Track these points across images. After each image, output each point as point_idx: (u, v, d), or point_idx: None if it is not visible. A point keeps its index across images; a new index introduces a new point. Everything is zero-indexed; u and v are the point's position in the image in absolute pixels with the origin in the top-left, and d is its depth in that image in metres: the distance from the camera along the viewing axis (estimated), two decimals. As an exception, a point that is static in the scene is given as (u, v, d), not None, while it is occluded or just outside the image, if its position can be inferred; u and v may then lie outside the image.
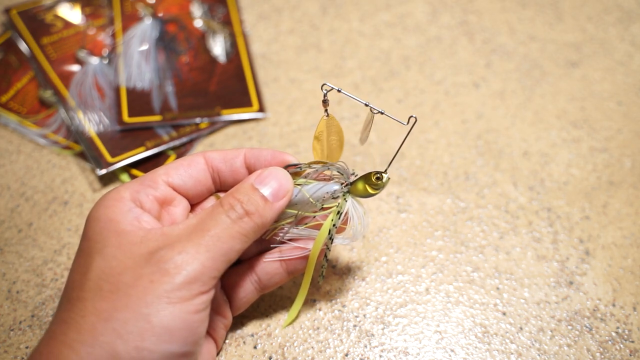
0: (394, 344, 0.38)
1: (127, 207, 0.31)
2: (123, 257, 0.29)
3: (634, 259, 0.42)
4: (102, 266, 0.29)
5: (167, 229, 0.30)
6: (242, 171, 0.35)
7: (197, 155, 0.34)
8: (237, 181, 0.35)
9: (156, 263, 0.28)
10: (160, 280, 0.28)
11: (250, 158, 0.35)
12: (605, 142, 0.49)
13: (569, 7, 0.60)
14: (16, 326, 0.39)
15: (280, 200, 0.32)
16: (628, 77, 0.54)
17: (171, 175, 0.33)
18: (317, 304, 0.40)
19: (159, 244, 0.29)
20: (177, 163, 0.34)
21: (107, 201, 0.31)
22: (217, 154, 0.35)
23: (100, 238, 0.30)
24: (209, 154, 0.35)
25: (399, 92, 0.52)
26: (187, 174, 0.34)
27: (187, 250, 0.29)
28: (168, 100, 0.50)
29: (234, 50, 0.54)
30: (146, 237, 0.29)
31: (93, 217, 0.31)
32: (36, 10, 0.56)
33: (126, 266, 0.28)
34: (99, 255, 0.29)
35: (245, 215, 0.31)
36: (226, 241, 0.30)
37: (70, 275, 0.30)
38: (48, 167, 0.47)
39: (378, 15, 0.58)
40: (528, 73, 0.54)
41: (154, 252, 0.29)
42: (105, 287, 0.28)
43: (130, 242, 0.29)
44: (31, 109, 0.50)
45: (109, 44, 0.54)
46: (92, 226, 0.30)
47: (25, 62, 0.53)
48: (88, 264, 0.29)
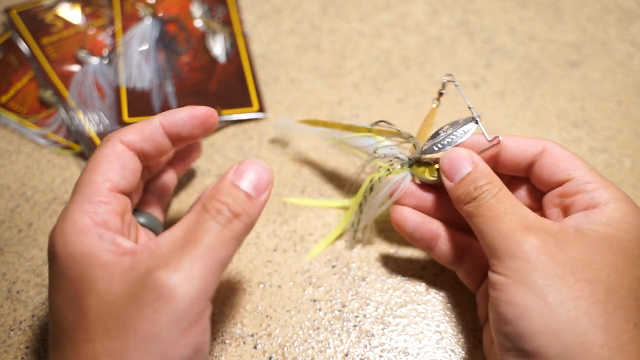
0: (394, 344, 0.38)
1: (97, 235, 0.28)
2: (118, 289, 0.27)
3: (634, 259, 0.42)
4: (100, 303, 0.27)
5: (152, 245, 0.28)
6: (165, 141, 0.33)
7: (115, 143, 0.31)
8: (162, 153, 0.34)
9: (155, 288, 0.26)
10: (164, 309, 0.26)
11: (169, 127, 0.33)
12: (605, 142, 0.49)
13: (569, 7, 0.60)
14: (16, 326, 0.39)
15: (263, 193, 0.31)
16: (628, 77, 0.54)
17: (112, 179, 0.30)
18: (317, 304, 0.40)
19: (150, 264, 0.27)
20: (106, 162, 0.31)
21: (72, 236, 0.28)
22: (134, 135, 0.32)
23: (86, 276, 0.27)
24: (125, 138, 0.32)
25: (399, 92, 0.52)
26: (123, 171, 0.31)
27: (183, 268, 0.27)
28: (168, 100, 0.50)
29: (234, 50, 0.54)
30: (135, 262, 0.27)
31: (65, 257, 0.28)
32: (36, 10, 0.56)
33: (125, 298, 0.27)
34: (92, 293, 0.27)
35: (234, 217, 0.29)
36: (221, 249, 0.28)
37: (58, 317, 0.28)
38: (48, 167, 0.47)
39: (378, 15, 0.58)
40: (528, 73, 0.54)
41: (149, 274, 0.27)
42: (111, 324, 0.26)
43: (121, 271, 0.27)
44: (31, 109, 0.50)
45: (109, 44, 0.54)
46: (70, 266, 0.28)
47: (25, 62, 0.53)
48: (82, 303, 0.27)
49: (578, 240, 0.29)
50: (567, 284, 0.28)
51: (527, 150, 0.35)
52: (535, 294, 0.28)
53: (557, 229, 0.30)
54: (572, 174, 0.33)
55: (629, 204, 0.31)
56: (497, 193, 0.32)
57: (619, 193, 0.32)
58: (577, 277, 0.28)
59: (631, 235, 0.30)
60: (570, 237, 0.30)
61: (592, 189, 0.32)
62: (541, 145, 0.34)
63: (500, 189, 0.32)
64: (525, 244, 0.29)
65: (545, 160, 0.34)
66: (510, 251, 0.29)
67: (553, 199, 0.34)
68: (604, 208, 0.31)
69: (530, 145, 0.35)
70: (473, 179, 0.33)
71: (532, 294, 0.28)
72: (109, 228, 0.29)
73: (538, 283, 0.28)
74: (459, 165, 0.34)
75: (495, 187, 0.33)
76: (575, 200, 0.32)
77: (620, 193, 0.32)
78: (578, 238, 0.30)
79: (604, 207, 0.31)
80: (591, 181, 0.32)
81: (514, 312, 0.28)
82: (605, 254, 0.29)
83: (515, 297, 0.28)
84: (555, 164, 0.33)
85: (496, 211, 0.31)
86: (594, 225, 0.30)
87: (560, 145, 0.34)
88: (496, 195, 0.32)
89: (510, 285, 0.29)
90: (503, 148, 0.36)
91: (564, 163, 0.33)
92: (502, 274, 0.30)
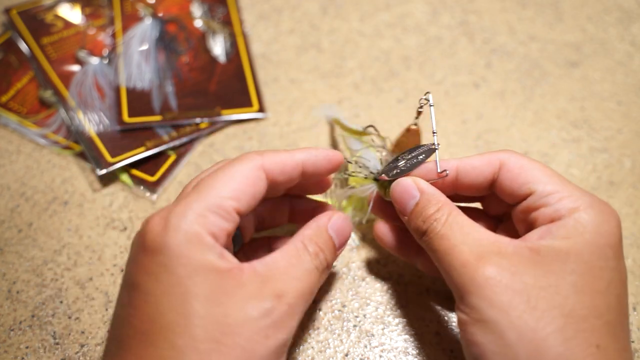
0: (394, 344, 0.38)
1: (211, 244, 0.28)
2: (231, 304, 0.27)
3: (634, 259, 0.42)
4: (212, 315, 0.26)
5: (259, 268, 0.29)
6: (296, 177, 0.33)
7: (255, 169, 0.30)
8: (287, 185, 0.33)
9: (268, 314, 0.27)
10: (275, 336, 0.27)
11: (307, 166, 0.33)
12: (605, 142, 0.49)
13: (569, 7, 0.60)
14: (16, 326, 0.39)
15: (341, 248, 0.34)
16: (628, 77, 0.54)
17: (240, 200, 0.29)
18: (317, 304, 0.40)
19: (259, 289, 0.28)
20: (241, 182, 0.30)
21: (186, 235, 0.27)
22: (277, 167, 0.31)
23: (196, 281, 0.27)
24: (268, 166, 0.31)
25: (399, 92, 0.52)
26: (251, 196, 0.30)
27: (291, 303, 0.28)
28: (168, 100, 0.50)
29: (234, 50, 0.54)
30: (243, 279, 0.28)
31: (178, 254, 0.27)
32: (36, 10, 0.56)
33: (237, 317, 0.27)
34: (203, 302, 0.27)
35: (327, 268, 0.32)
36: (314, 293, 0.31)
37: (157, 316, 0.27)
38: (48, 167, 0.47)
39: (378, 15, 0.58)
40: (528, 73, 0.54)
41: (261, 299, 0.27)
42: (221, 338, 0.26)
43: (232, 285, 0.27)
44: (31, 109, 0.50)
45: (109, 44, 0.54)
46: (181, 264, 0.27)
47: (25, 62, 0.53)
48: (190, 309, 0.26)
49: (533, 263, 0.28)
50: (523, 317, 0.27)
51: (484, 170, 0.33)
52: (493, 333, 0.27)
53: (512, 251, 0.29)
54: (532, 187, 0.31)
55: (594, 210, 0.29)
56: (446, 220, 0.31)
57: (584, 200, 0.30)
58: (533, 306, 0.27)
59: (594, 246, 0.28)
60: (525, 260, 0.28)
61: (555, 201, 0.30)
62: (497, 162, 0.33)
63: (449, 215, 0.31)
64: (478, 278, 0.28)
65: (504, 177, 0.32)
66: (465, 287, 0.28)
67: (519, 214, 0.33)
68: (567, 219, 0.29)
69: (487, 164, 0.33)
70: (420, 209, 0.32)
71: (489, 332, 0.27)
72: (220, 242, 0.29)
73: (494, 320, 0.27)
74: (407, 197, 0.33)
75: (444, 213, 0.31)
76: (538, 215, 0.31)
77: (585, 200, 0.30)
78: (533, 260, 0.28)
79: (566, 218, 0.29)
80: (553, 192, 0.30)
81: (475, 352, 0.28)
82: (562, 273, 0.28)
83: (475, 337, 0.28)
84: (515, 179, 0.32)
85: (446, 244, 0.30)
86: (553, 241, 0.29)
87: (518, 155, 0.33)
88: (445, 223, 0.31)
89: (470, 324, 0.28)
90: (459, 173, 0.34)
91: (523, 177, 0.32)
92: (462, 311, 0.29)
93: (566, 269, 0.28)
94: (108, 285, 0.41)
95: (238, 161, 0.31)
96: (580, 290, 0.27)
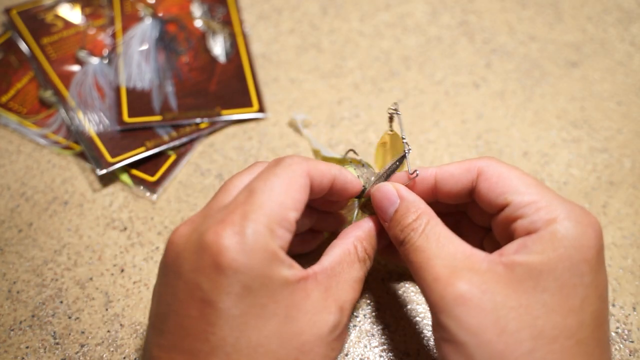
0: (394, 344, 0.38)
1: (283, 260, 0.28)
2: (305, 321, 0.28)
3: (634, 259, 0.42)
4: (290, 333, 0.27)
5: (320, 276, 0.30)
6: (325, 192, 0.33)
7: (304, 176, 0.30)
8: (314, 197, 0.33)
9: (335, 329, 0.29)
10: (338, 348, 0.29)
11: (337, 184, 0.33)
12: (605, 142, 0.49)
13: (569, 7, 0.60)
14: (16, 326, 0.39)
15: None
16: (628, 77, 0.54)
17: (299, 210, 0.29)
18: (317, 304, 0.40)
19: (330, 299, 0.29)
20: (297, 191, 0.30)
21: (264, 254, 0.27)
22: (318, 174, 0.31)
23: (276, 299, 0.27)
24: (312, 173, 0.31)
25: (399, 92, 0.52)
26: (303, 206, 0.30)
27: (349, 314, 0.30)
28: (168, 100, 0.50)
29: (234, 50, 0.54)
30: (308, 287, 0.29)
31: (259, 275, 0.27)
32: (36, 10, 0.56)
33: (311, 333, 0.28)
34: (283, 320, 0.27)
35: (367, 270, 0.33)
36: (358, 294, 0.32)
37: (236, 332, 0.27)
38: (48, 167, 0.47)
39: (378, 15, 0.58)
40: (528, 73, 0.54)
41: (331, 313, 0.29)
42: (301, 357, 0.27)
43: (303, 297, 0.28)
44: (31, 109, 0.50)
45: (109, 44, 0.54)
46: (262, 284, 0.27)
47: (25, 62, 0.53)
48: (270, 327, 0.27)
49: (505, 280, 0.27)
50: (493, 340, 0.26)
51: (462, 178, 0.32)
52: (464, 355, 0.26)
53: (485, 267, 0.28)
54: (508, 198, 0.30)
55: (571, 221, 0.28)
56: (423, 231, 0.30)
57: (562, 210, 0.28)
58: (502, 328, 0.26)
59: (568, 262, 0.27)
60: (497, 277, 0.27)
61: (532, 212, 0.29)
62: (475, 170, 0.32)
63: (427, 224, 0.30)
64: (448, 296, 0.27)
65: (482, 187, 0.31)
66: (437, 305, 0.28)
67: (498, 224, 0.32)
68: (543, 232, 0.28)
69: (465, 171, 0.32)
70: (399, 217, 0.32)
71: (460, 354, 0.27)
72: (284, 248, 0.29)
73: (463, 342, 0.26)
74: (387, 203, 0.33)
75: (421, 223, 0.30)
76: (516, 227, 0.30)
77: (562, 210, 0.28)
78: (506, 277, 0.27)
79: (542, 231, 0.28)
80: (530, 202, 0.29)
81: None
82: (534, 292, 0.27)
83: (448, 357, 0.27)
84: (492, 189, 0.31)
85: (421, 257, 0.29)
86: (528, 256, 0.28)
87: (498, 163, 0.32)
88: (422, 234, 0.30)
89: (442, 343, 0.28)
90: (438, 181, 0.33)
91: (500, 186, 0.31)
92: (435, 329, 0.29)
93: (538, 287, 0.27)
94: (108, 285, 0.41)
95: (288, 166, 0.30)
96: (551, 309, 0.27)
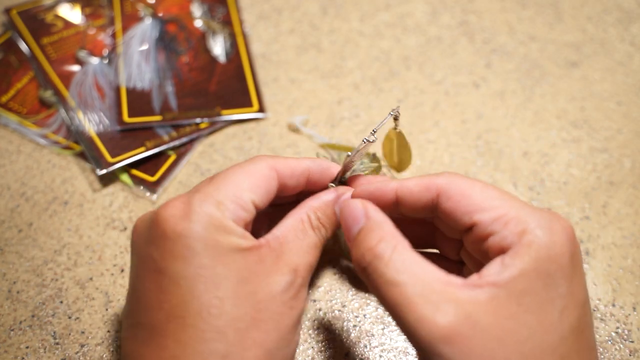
0: (394, 344, 0.38)
1: (232, 228, 0.29)
2: (258, 282, 0.29)
3: (634, 259, 0.42)
4: (244, 293, 0.28)
5: (272, 242, 0.30)
6: (302, 184, 0.34)
7: (268, 168, 0.32)
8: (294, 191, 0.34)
9: (289, 288, 0.29)
10: (296, 307, 0.30)
11: (314, 173, 0.34)
12: (605, 142, 0.49)
13: (569, 7, 0.60)
14: (16, 326, 0.39)
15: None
16: (628, 77, 0.54)
17: (257, 194, 0.31)
18: (317, 304, 0.40)
19: (275, 262, 0.30)
20: (257, 180, 0.31)
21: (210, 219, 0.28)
22: (286, 168, 0.33)
23: (225, 262, 0.28)
24: (279, 168, 0.32)
25: (399, 92, 0.52)
26: (265, 191, 0.31)
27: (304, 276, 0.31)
28: (168, 100, 0.50)
29: (234, 50, 0.54)
30: (261, 254, 0.29)
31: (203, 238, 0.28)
32: (36, 10, 0.56)
33: (265, 292, 0.29)
34: (235, 282, 0.28)
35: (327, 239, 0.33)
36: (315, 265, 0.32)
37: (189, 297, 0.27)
38: (48, 167, 0.47)
39: (378, 15, 0.58)
40: (528, 73, 0.54)
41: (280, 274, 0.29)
42: (256, 316, 0.28)
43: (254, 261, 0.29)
44: (31, 109, 0.50)
45: (109, 44, 0.54)
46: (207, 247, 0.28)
47: (25, 62, 0.53)
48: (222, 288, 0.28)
49: (488, 308, 0.26)
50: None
51: (422, 197, 0.31)
52: None
53: (467, 297, 0.26)
54: (474, 217, 0.29)
55: (542, 230, 0.27)
56: (390, 258, 0.28)
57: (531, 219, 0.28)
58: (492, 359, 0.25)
59: (543, 274, 0.27)
60: (480, 306, 0.26)
61: (501, 227, 0.28)
62: (434, 189, 0.30)
63: (393, 250, 0.28)
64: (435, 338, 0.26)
65: (445, 207, 0.30)
66: (423, 345, 0.26)
67: (469, 243, 0.31)
68: (517, 248, 0.27)
69: (425, 189, 0.31)
70: (362, 237, 0.29)
71: None
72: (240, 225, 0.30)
73: None
74: (352, 221, 0.31)
75: (387, 247, 0.28)
76: (488, 245, 0.28)
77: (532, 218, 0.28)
78: (488, 305, 0.26)
79: (516, 246, 0.27)
80: (496, 218, 0.28)
81: None
82: (517, 316, 0.26)
83: None
84: (456, 209, 0.30)
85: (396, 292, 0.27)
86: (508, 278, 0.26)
87: (458, 179, 0.30)
88: (389, 262, 0.27)
89: None
90: (398, 197, 0.32)
91: (464, 206, 0.29)
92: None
93: (520, 308, 0.26)
94: (108, 285, 0.41)
95: (251, 160, 0.32)
96: (534, 330, 0.26)
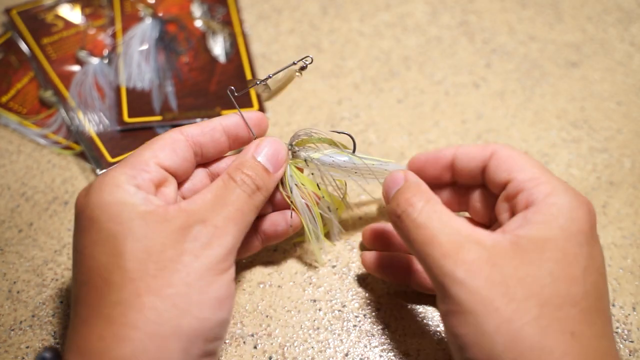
0: (394, 344, 0.38)
1: (132, 191, 0.31)
2: (156, 236, 0.29)
3: (634, 259, 0.42)
4: (139, 247, 0.29)
5: (184, 205, 0.31)
6: (223, 140, 0.36)
7: (175, 132, 0.34)
8: (220, 152, 0.36)
9: (195, 238, 0.30)
10: (205, 254, 0.30)
11: (228, 127, 0.36)
12: (605, 142, 0.49)
13: (569, 7, 0.60)
14: (17, 326, 0.39)
15: (279, 170, 0.35)
16: (628, 77, 0.54)
17: (159, 156, 0.33)
18: (317, 304, 0.40)
19: (185, 220, 0.30)
20: (160, 143, 0.33)
21: (108, 187, 0.30)
22: (195, 128, 0.35)
23: (121, 221, 0.29)
24: (186, 130, 0.34)
25: (399, 92, 0.52)
26: (173, 153, 0.33)
27: (218, 225, 0.30)
28: (168, 100, 0.50)
29: (234, 50, 0.54)
30: (169, 215, 0.30)
31: (100, 204, 0.30)
32: (36, 10, 0.56)
33: (164, 244, 0.29)
34: (129, 238, 0.29)
35: (257, 190, 0.33)
36: (247, 214, 0.32)
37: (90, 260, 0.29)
38: (48, 167, 0.47)
39: (378, 15, 0.58)
40: (528, 73, 0.54)
41: (187, 228, 0.30)
42: (151, 266, 0.28)
43: (156, 220, 0.30)
44: (31, 109, 0.50)
45: (109, 44, 0.54)
46: (103, 212, 0.30)
47: (25, 62, 0.53)
48: (119, 248, 0.29)
49: (511, 253, 0.29)
50: (501, 308, 0.27)
51: (477, 156, 0.35)
52: (473, 324, 0.28)
53: (491, 243, 0.29)
54: (512, 174, 0.33)
55: (567, 195, 0.30)
56: (423, 208, 0.31)
57: (559, 187, 0.31)
58: (510, 297, 0.27)
59: (567, 232, 0.29)
60: (504, 251, 0.29)
61: (532, 186, 0.31)
62: (489, 150, 0.35)
63: (427, 202, 0.31)
64: (458, 271, 0.28)
65: (492, 164, 0.34)
66: (446, 279, 0.29)
67: (501, 203, 0.34)
68: (541, 205, 0.30)
69: (481, 150, 0.35)
70: (399, 194, 0.33)
71: (469, 324, 0.28)
72: (142, 189, 0.31)
73: (473, 311, 0.28)
74: (392, 185, 0.34)
75: (420, 199, 0.32)
76: (517, 201, 0.32)
77: (560, 187, 0.31)
78: (511, 251, 0.29)
79: (540, 203, 0.30)
80: (531, 178, 0.32)
81: (457, 343, 0.28)
82: (539, 262, 0.28)
83: (456, 329, 0.28)
84: (500, 166, 0.34)
85: (425, 234, 0.30)
86: (530, 229, 0.29)
87: (509, 147, 0.34)
88: (422, 211, 0.31)
89: (451, 316, 0.29)
90: (456, 157, 0.36)
91: (508, 164, 0.33)
92: (443, 302, 0.29)
93: (543, 258, 0.28)
94: (108, 285, 0.41)
95: (162, 134, 0.34)
96: (556, 278, 0.28)
